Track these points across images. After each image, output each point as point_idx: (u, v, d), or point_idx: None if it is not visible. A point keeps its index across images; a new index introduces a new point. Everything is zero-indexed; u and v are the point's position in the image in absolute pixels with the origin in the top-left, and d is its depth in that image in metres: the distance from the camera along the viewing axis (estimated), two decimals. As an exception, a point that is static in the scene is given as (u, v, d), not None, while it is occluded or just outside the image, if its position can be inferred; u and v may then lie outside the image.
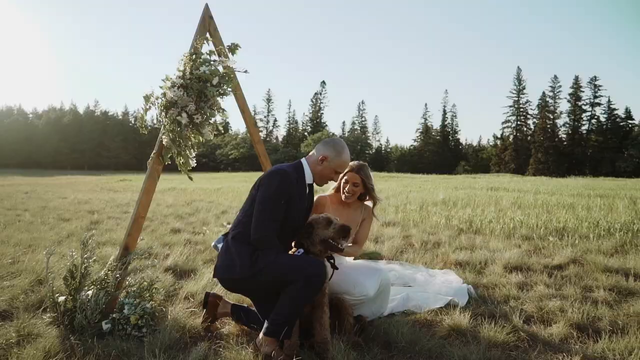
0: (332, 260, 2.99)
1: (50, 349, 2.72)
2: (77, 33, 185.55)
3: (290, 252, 2.91)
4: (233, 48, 4.22)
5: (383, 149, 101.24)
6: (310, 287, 2.62)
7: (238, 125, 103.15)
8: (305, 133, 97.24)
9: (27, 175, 43.73)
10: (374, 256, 5.20)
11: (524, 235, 6.81)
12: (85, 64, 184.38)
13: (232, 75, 4.00)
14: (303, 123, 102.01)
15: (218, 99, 3.94)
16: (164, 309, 3.39)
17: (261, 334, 2.69)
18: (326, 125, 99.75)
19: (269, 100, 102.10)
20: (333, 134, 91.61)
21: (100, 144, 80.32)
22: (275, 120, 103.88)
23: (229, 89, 4.00)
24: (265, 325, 2.68)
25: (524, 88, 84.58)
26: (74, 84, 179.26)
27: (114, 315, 3.11)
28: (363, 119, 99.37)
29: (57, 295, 3.30)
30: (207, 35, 4.22)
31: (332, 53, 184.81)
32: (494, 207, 10.95)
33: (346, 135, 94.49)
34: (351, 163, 3.34)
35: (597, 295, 3.94)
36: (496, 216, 8.64)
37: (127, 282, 3.49)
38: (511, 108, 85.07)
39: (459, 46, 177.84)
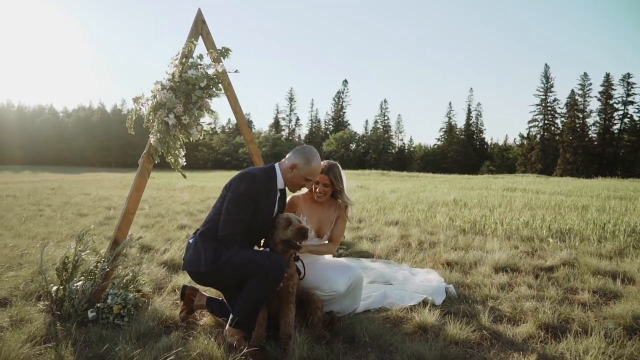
0: (298, 261, 3.13)
1: (35, 333, 2.93)
2: (107, 33, 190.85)
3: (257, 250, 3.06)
4: (224, 52, 4.37)
5: (406, 148, 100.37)
6: (269, 281, 2.76)
7: (260, 125, 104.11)
8: (328, 132, 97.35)
9: (56, 172, 45.42)
10: (364, 256, 5.30)
11: (524, 237, 6.76)
12: (114, 64, 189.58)
13: (221, 78, 4.16)
14: (325, 122, 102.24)
15: (207, 100, 4.12)
16: (146, 300, 3.58)
17: (227, 326, 2.85)
18: (348, 124, 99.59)
19: (291, 99, 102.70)
20: (355, 132, 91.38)
21: (126, 142, 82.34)
22: (298, 119, 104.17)
23: (218, 91, 4.16)
24: (230, 317, 2.83)
25: (552, 86, 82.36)
26: (102, 84, 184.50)
27: (99, 305, 3.32)
28: (386, 118, 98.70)
29: (51, 285, 3.54)
30: (198, 39, 4.40)
31: (355, 52, 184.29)
32: (504, 207, 10.84)
33: (369, 134, 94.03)
34: (323, 163, 3.45)
35: (579, 298, 3.94)
36: (501, 217, 8.57)
37: (116, 274, 3.70)
38: (538, 107, 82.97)
39: (484, 43, 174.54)
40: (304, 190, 3.65)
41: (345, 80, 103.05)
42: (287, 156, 3.21)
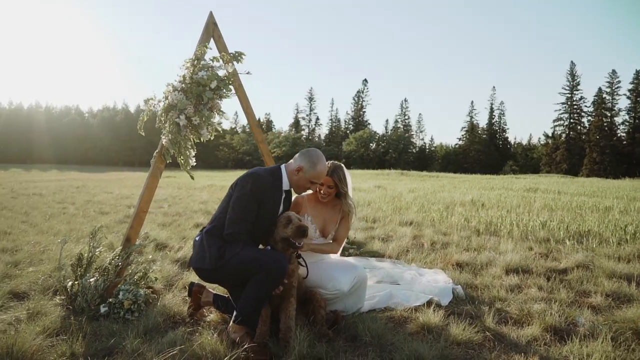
0: (300, 259, 3.17)
1: (49, 326, 3.06)
2: (132, 35, 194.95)
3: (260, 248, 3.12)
4: (237, 56, 4.43)
5: (427, 147, 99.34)
6: (271, 279, 2.82)
7: (281, 124, 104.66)
8: (348, 131, 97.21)
9: (82, 171, 46.72)
10: (375, 255, 5.30)
11: (540, 238, 6.65)
12: (138, 65, 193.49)
13: (232, 79, 4.24)
14: (345, 121, 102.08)
15: (218, 101, 4.20)
16: (156, 296, 3.69)
17: (231, 322, 2.91)
18: (369, 123, 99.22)
19: (311, 99, 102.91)
20: (375, 132, 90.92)
21: (149, 142, 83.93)
22: (318, 118, 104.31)
23: (229, 92, 4.24)
24: (234, 313, 2.90)
25: (578, 84, 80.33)
26: (126, 84, 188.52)
27: (111, 300, 3.43)
28: (406, 117, 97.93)
29: (67, 280, 3.68)
30: (210, 41, 4.49)
31: (375, 51, 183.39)
32: (522, 208, 10.66)
33: (389, 133, 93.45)
34: (328, 163, 3.49)
35: (591, 301, 3.87)
36: (518, 218, 8.43)
37: (129, 271, 3.81)
38: (564, 105, 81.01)
39: (507, 41, 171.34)
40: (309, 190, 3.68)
41: (365, 80, 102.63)
42: (293, 158, 3.26)
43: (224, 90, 4.20)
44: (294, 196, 3.61)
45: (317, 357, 2.68)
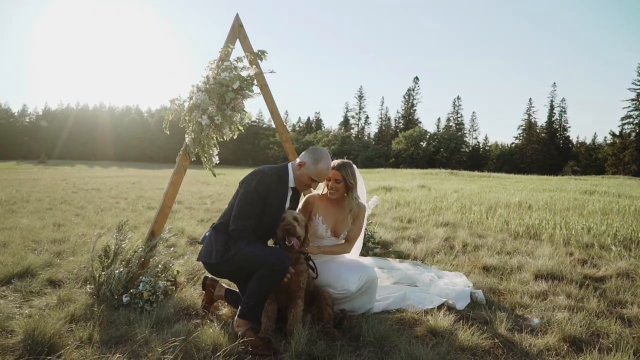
0: (310, 262, 3.21)
1: (74, 313, 3.28)
2: (188, 34, 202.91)
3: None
4: (260, 54, 4.54)
5: (481, 147, 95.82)
6: (273, 275, 2.87)
7: (330, 123, 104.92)
8: (398, 130, 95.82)
9: (140, 168, 49.34)
10: (400, 256, 5.21)
11: (584, 243, 6.26)
12: (193, 65, 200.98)
13: (255, 80, 4.33)
14: (395, 120, 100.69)
15: (241, 101, 4.31)
16: (174, 288, 3.85)
17: (236, 316, 2.99)
18: (419, 122, 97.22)
19: (360, 97, 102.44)
20: (426, 130, 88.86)
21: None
22: (367, 117, 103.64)
23: (252, 92, 4.33)
24: (239, 308, 2.98)
25: (650, 78, 74.34)
26: (182, 84, 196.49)
27: (132, 291, 3.62)
28: (459, 115, 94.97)
29: (97, 270, 3.93)
30: (235, 42, 4.61)
31: (427, 48, 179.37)
32: (572, 211, 10.07)
33: (440, 132, 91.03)
34: (337, 161, 3.50)
35: (625, 312, 3.61)
36: (563, 221, 7.97)
37: (153, 263, 4.01)
38: (634, 102, 75.24)
39: (569, 34, 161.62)
40: (322, 189, 3.70)
41: (417, 77, 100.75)
42: (300, 155, 3.30)
43: (247, 91, 4.30)
44: (305, 196, 3.64)
45: (314, 355, 2.69)
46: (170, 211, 9.77)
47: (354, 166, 3.60)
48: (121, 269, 3.77)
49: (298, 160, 3.26)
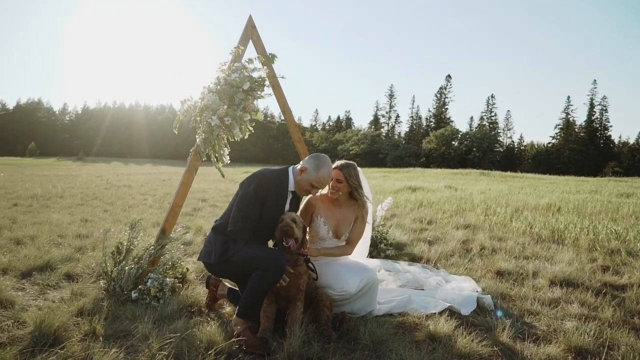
0: (310, 264, 3.21)
1: (84, 307, 3.41)
2: (218, 33, 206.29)
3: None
4: (271, 58, 4.59)
5: (515, 146, 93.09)
6: (269, 275, 2.90)
7: (360, 122, 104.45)
8: (429, 129, 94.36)
9: (172, 166, 50.62)
10: (415, 259, 5.14)
11: (610, 249, 5.99)
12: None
13: (266, 81, 4.37)
14: (427, 119, 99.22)
15: (252, 102, 4.36)
16: (181, 286, 3.94)
17: (234, 315, 3.04)
18: (451, 120, 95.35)
19: (391, 96, 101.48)
20: (457, 130, 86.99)
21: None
22: (398, 116, 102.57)
23: (262, 93, 4.38)
24: (237, 307, 3.02)
25: (700, 75, 70.25)
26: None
27: (140, 287, 3.73)
28: (492, 114, 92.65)
29: (109, 266, 4.06)
30: (248, 44, 4.66)
31: (459, 46, 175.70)
32: (604, 215, 9.65)
33: (473, 131, 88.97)
34: (339, 161, 3.49)
35: (640, 322, 3.44)
36: (591, 225, 7.65)
37: (163, 261, 4.11)
38: (681, 100, 71.34)
39: (610, 31, 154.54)
40: (325, 190, 3.70)
41: (449, 75, 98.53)
42: (302, 160, 3.31)
43: (258, 92, 4.34)
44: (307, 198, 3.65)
45: (307, 356, 2.69)
46: (193, 210, 10.04)
47: (358, 168, 3.58)
48: (132, 266, 3.89)
49: (300, 165, 3.28)
